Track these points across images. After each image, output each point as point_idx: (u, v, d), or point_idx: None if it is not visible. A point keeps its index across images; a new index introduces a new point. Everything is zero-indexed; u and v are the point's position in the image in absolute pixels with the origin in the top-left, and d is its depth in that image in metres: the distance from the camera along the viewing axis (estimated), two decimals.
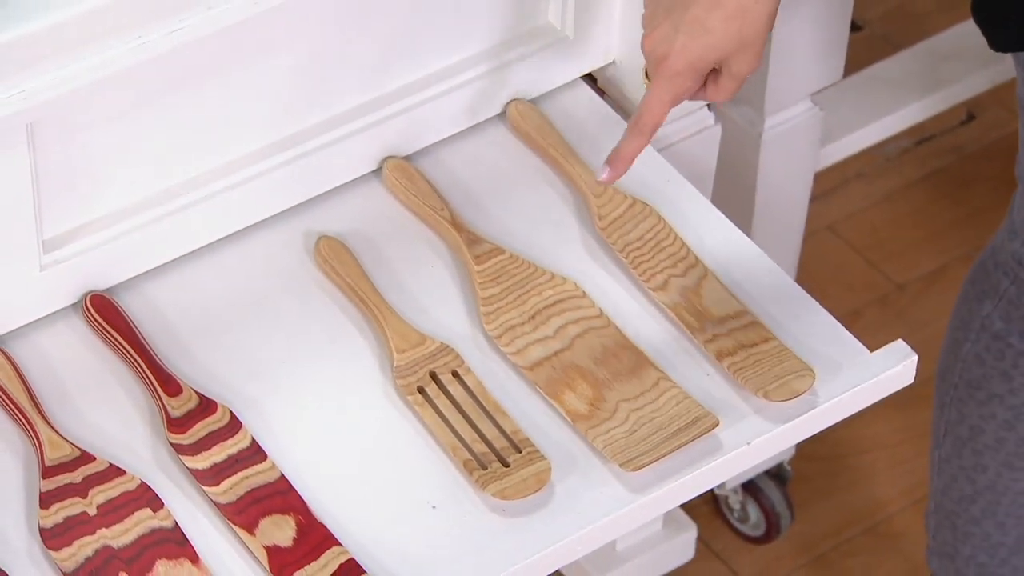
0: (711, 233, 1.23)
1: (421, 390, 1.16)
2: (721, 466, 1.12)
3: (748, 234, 1.38)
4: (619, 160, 1.16)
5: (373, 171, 1.26)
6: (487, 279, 1.20)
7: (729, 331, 1.17)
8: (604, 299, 1.20)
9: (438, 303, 1.20)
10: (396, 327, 1.18)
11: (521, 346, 1.18)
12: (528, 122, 1.28)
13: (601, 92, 1.32)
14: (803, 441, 1.17)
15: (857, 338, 1.18)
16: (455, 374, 1.17)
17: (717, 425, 1.13)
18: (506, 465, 1.12)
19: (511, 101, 1.28)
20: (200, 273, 1.21)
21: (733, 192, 1.45)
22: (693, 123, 1.33)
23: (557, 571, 1.19)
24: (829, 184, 1.86)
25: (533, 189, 1.26)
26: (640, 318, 1.19)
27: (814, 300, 1.20)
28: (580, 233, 1.24)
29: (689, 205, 1.25)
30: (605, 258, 1.22)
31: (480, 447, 1.13)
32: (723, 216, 1.25)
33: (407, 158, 1.26)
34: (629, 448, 1.12)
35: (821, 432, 1.16)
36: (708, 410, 1.14)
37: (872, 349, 1.17)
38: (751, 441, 1.13)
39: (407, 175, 1.25)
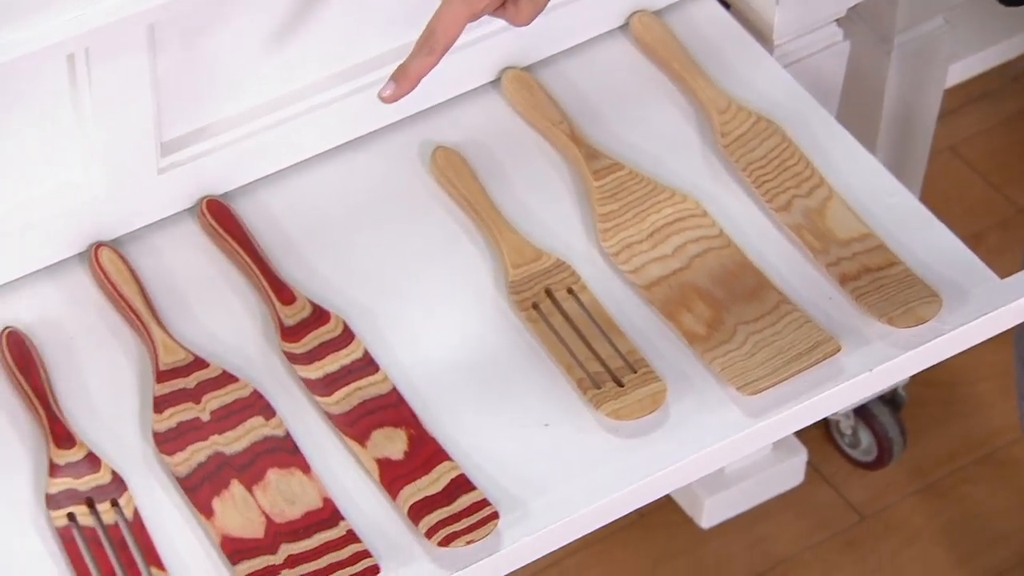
0: (836, 152, 1.20)
1: (535, 306, 1.14)
2: (841, 393, 1.10)
3: (873, 153, 1.34)
4: (405, 78, 1.09)
5: (491, 82, 1.24)
6: (605, 195, 1.18)
7: (853, 254, 1.15)
8: (725, 219, 1.18)
9: (554, 218, 1.19)
10: (511, 241, 1.17)
11: (638, 264, 1.16)
12: (651, 35, 1.25)
13: (727, 5, 1.29)
14: None
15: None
16: (570, 291, 1.15)
17: (839, 351, 1.11)
18: (621, 385, 1.10)
19: (634, 13, 1.26)
20: (316, 181, 1.20)
21: (859, 110, 1.41)
22: (821, 39, 1.30)
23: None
24: (952, 104, 1.82)
25: (655, 104, 1.24)
26: (761, 239, 1.17)
27: (942, 223, 1.17)
28: (702, 150, 1.21)
29: (815, 123, 1.22)
30: (727, 177, 1.20)
31: (594, 366, 1.11)
32: (849, 135, 1.22)
33: (526, 69, 1.24)
34: (747, 371, 1.10)
35: None
36: (830, 335, 1.11)
37: (995, 274, 1.14)
38: (873, 368, 1.10)
39: (526, 86, 1.23)
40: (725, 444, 1.08)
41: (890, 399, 1.60)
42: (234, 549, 1.04)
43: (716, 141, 1.21)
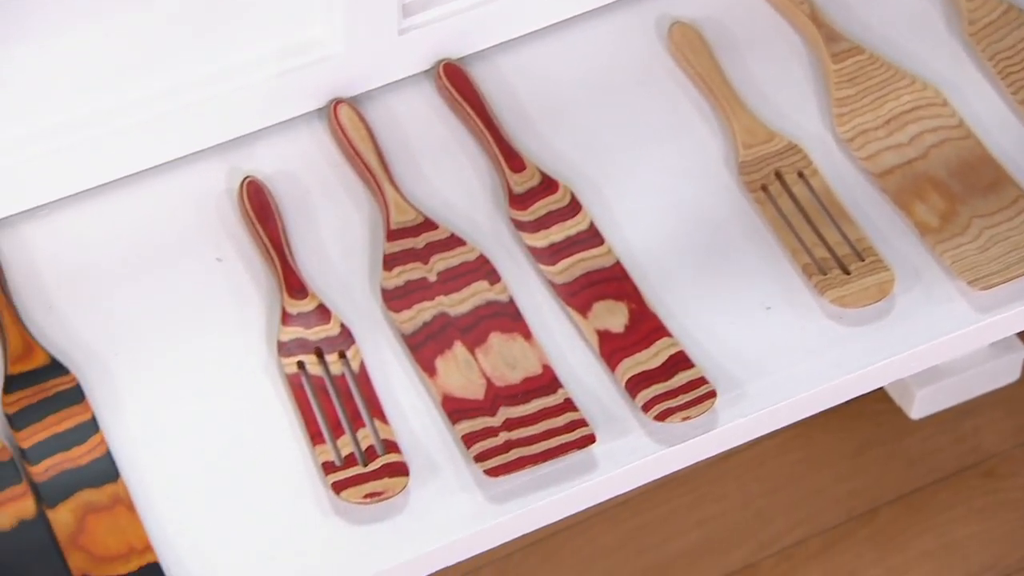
0: None
1: (764, 188, 1.14)
2: None
3: None
4: None
5: None
6: (843, 79, 1.17)
7: None
8: (966, 109, 1.16)
9: (790, 100, 1.18)
10: (744, 121, 1.16)
11: (873, 151, 1.14)
12: None
13: None
14: None
15: None
16: (801, 175, 1.14)
17: None
18: (847, 272, 1.10)
19: None
20: (552, 52, 1.20)
21: None
22: None
23: None
24: None
25: None
26: (1004, 131, 1.14)
27: None
28: (947, 37, 1.19)
29: None
30: (971, 66, 1.17)
31: (821, 252, 1.11)
32: None
33: None
34: (979, 266, 1.09)
35: None
36: None
37: None
38: None
39: None
40: (950, 338, 1.07)
41: None
42: (454, 408, 1.06)
43: (962, 28, 1.18)
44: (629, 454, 1.05)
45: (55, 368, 1.04)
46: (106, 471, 1.01)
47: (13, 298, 1.07)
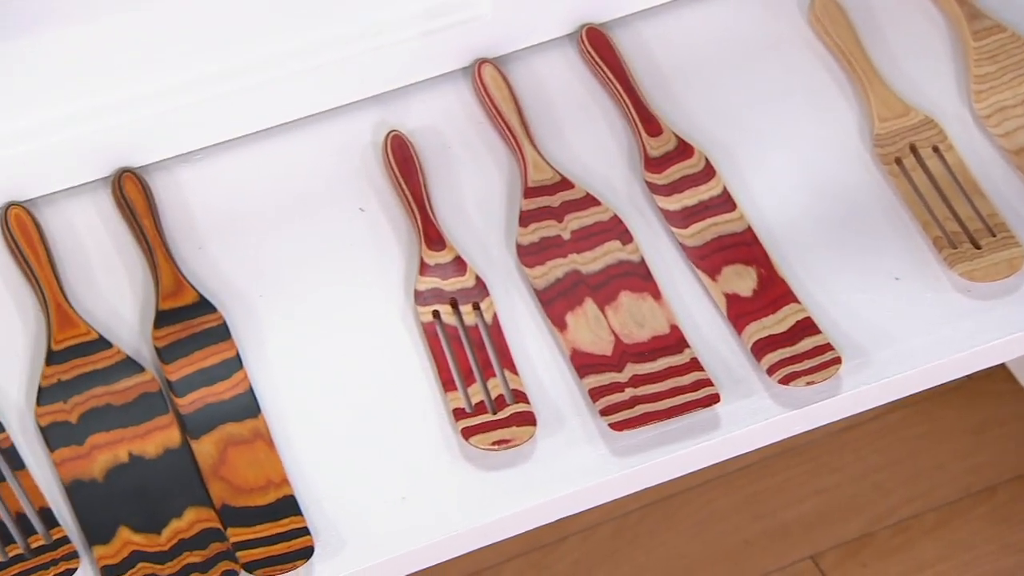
0: None
1: (898, 161, 1.15)
2: None
3: None
4: None
5: None
6: (983, 56, 1.18)
7: None
8: None
9: (927, 76, 1.19)
10: (881, 94, 1.17)
11: (1010, 128, 1.15)
12: None
13: None
14: None
15: None
16: (935, 149, 1.15)
17: None
18: (978, 247, 1.11)
19: None
20: (692, 20, 1.22)
21: None
22: None
23: None
24: None
25: None
26: None
27: None
28: None
29: None
30: None
31: (952, 226, 1.12)
32: None
33: None
34: None
35: None
36: None
37: None
38: None
39: None
40: None
41: None
42: (582, 363, 1.09)
43: None
44: (752, 415, 1.07)
45: (203, 306, 1.08)
46: (248, 406, 1.05)
47: (167, 238, 1.11)
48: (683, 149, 1.16)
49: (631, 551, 1.52)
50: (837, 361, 1.07)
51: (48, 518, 1.00)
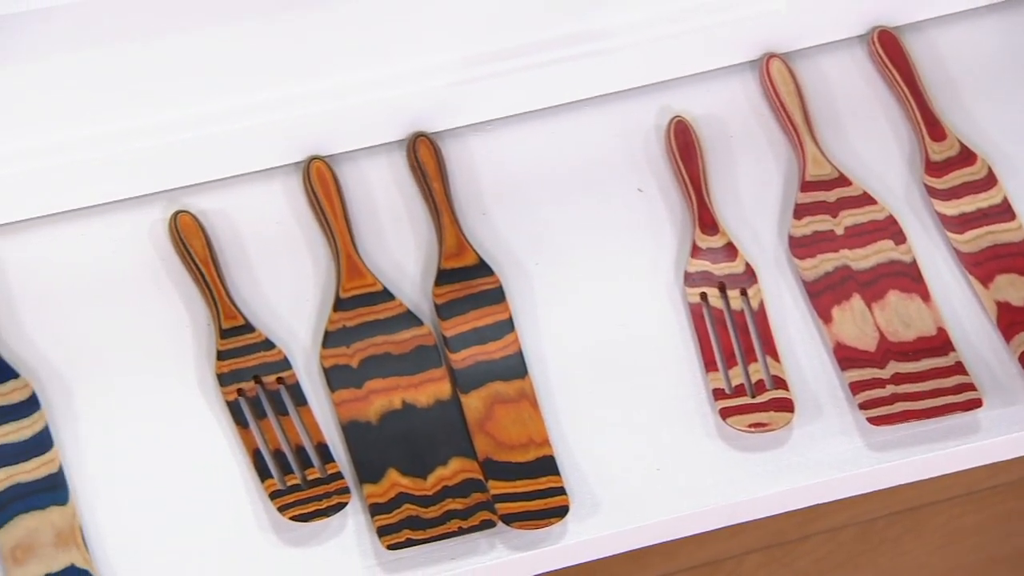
0: None
1: None
2: None
3: None
4: None
5: None
6: None
7: None
8: None
9: None
10: None
11: None
12: None
13: None
14: None
15: None
16: None
17: None
18: None
19: None
20: (987, 28, 1.22)
21: None
22: None
23: None
24: None
25: None
26: None
27: None
28: None
29: None
30: None
31: None
32: None
33: None
34: None
35: None
36: None
37: None
38: None
39: None
40: None
41: None
42: (845, 356, 1.10)
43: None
44: (1014, 423, 1.07)
45: (482, 268, 1.12)
46: (516, 367, 1.09)
47: (453, 201, 1.16)
48: (966, 156, 1.17)
49: (874, 556, 1.51)
50: None
51: (324, 453, 1.06)
